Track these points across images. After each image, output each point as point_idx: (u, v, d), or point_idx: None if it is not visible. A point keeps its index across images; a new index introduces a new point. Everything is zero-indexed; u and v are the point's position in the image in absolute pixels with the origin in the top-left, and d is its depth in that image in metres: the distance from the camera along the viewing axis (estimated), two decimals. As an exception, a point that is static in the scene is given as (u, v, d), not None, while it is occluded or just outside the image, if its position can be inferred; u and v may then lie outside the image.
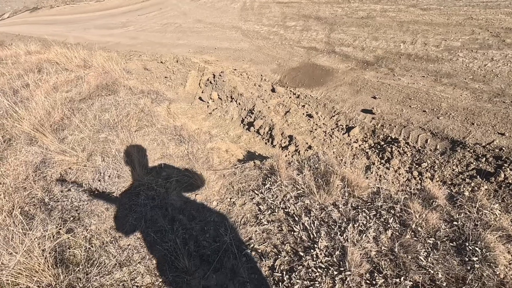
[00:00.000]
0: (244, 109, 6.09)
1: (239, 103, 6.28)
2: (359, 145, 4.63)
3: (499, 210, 2.35)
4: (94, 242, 2.36)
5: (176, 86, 7.81)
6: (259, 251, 2.19)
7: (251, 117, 5.79)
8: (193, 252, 2.30)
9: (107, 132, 3.67)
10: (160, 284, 2.06)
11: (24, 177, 3.01)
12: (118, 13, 19.37)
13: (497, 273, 1.86)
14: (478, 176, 3.54)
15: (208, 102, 6.89)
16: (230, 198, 2.71)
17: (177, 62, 8.57)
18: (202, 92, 7.36)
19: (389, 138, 4.53)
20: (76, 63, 6.40)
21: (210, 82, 7.40)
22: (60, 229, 2.38)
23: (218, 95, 6.88)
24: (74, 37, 14.39)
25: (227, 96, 6.69)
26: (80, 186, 2.95)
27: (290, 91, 6.45)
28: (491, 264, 1.89)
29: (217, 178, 2.97)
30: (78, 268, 2.09)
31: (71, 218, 2.56)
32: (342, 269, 1.92)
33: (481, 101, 4.43)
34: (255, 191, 2.71)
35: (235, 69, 7.90)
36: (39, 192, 2.82)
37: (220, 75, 7.25)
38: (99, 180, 2.94)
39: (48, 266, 1.98)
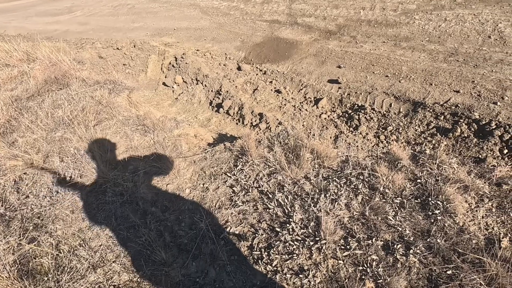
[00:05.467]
0: (211, 91, 5.90)
1: (205, 85, 6.06)
2: (328, 116, 4.69)
3: (457, 164, 2.51)
4: (62, 247, 2.23)
5: (137, 73, 7.36)
6: (237, 232, 2.19)
7: (219, 98, 5.63)
8: (170, 243, 2.25)
9: (62, 130, 3.39)
10: (138, 280, 2.01)
11: (-28, 190, 2.73)
12: (61, -3, 17.52)
13: (457, 221, 2.01)
14: (438, 134, 3.75)
15: (173, 87, 6.59)
16: (203, 184, 2.66)
17: (134, 47, 8.02)
18: (166, 77, 7.01)
19: (356, 105, 4.63)
20: (18, 57, 5.74)
21: (173, 66, 7.04)
22: (21, 239, 2.21)
23: (182, 78, 6.59)
24: (14, 27, 12.89)
25: (192, 79, 6.43)
26: (40, 190, 2.74)
27: (257, 67, 6.32)
28: (451, 214, 2.03)
29: (188, 165, 2.89)
30: (47, 277, 1.98)
31: (33, 226, 2.38)
32: (317, 239, 1.98)
33: (437, 62, 4.61)
34: (228, 173, 2.67)
35: (197, 50, 7.56)
36: (-8, 203, 2.58)
37: (183, 58, 6.91)
38: (60, 183, 2.74)
39: (12, 281, 1.85)
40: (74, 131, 3.26)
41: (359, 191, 2.27)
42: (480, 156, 3.38)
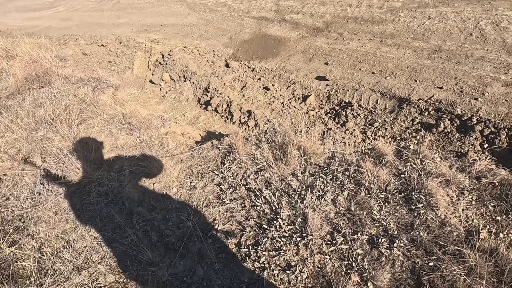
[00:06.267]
0: (199, 88, 5.85)
1: (193, 82, 6.00)
2: (316, 113, 4.73)
3: (440, 158, 2.58)
4: (45, 250, 2.17)
5: (123, 71, 7.21)
6: (224, 230, 2.18)
7: (207, 95, 5.58)
8: (157, 242, 2.23)
9: (44, 129, 3.29)
10: (124, 280, 1.98)
11: None
12: (43, -8, 16.93)
13: (439, 214, 2.06)
14: (422, 129, 3.83)
15: (160, 85, 6.49)
16: (190, 182, 2.64)
17: (120, 43, 7.84)
18: (152, 74, 6.90)
19: (343, 102, 4.68)
20: (-4, 54, 5.53)
21: (160, 63, 6.93)
22: (1, 243, 2.15)
23: (169, 76, 6.50)
24: (-8, 23, 12.39)
25: (179, 76, 6.35)
26: (21, 192, 2.66)
27: (245, 64, 6.29)
28: (434, 208, 2.08)
29: (175, 164, 2.86)
30: (29, 281, 1.93)
31: (14, 229, 2.31)
32: (304, 234, 2.00)
33: (421, 59, 4.70)
34: (215, 171, 2.66)
35: (185, 47, 7.46)
36: (-30, 206, 2.49)
37: (170, 54, 6.81)
38: (42, 184, 2.67)
39: (-8, 285, 1.79)
40: (57, 130, 3.17)
41: (345, 186, 2.30)
42: (462, 151, 3.48)
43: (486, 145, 3.40)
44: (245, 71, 6.10)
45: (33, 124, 3.44)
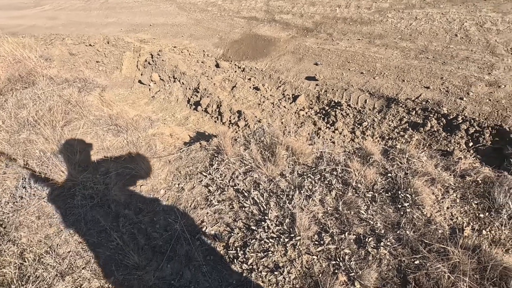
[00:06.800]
0: (189, 88, 5.80)
1: (182, 83, 5.94)
2: (306, 112, 4.75)
3: (426, 157, 2.61)
4: (27, 256, 2.11)
5: (111, 71, 7.10)
6: (212, 232, 2.16)
7: (197, 96, 5.54)
8: (144, 246, 2.19)
9: (27, 131, 3.20)
10: (109, 286, 1.94)
11: None
12: (28, -10, 16.52)
13: (425, 213, 2.09)
14: (410, 128, 3.89)
15: (149, 85, 6.41)
16: (178, 184, 2.60)
17: (108, 43, 7.72)
18: (141, 74, 6.81)
19: (333, 102, 4.71)
20: (-23, 53, 5.35)
21: (149, 63, 6.85)
22: (-20, 249, 2.08)
23: (159, 76, 6.42)
24: (-26, 22, 12.02)
25: (169, 77, 6.28)
26: (2, 196, 2.58)
27: (235, 65, 6.27)
28: (419, 206, 2.11)
29: (163, 165, 2.82)
30: (9, 288, 1.87)
31: (-5, 235, 2.24)
32: (292, 235, 1.99)
33: (409, 59, 4.77)
34: (203, 173, 2.63)
35: (174, 47, 7.39)
36: None
37: (159, 55, 6.73)
38: (24, 187, 2.59)
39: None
40: (40, 132, 3.09)
41: (332, 186, 2.31)
42: (448, 149, 3.55)
43: (471, 144, 3.47)
44: (235, 71, 6.08)
45: (16, 126, 3.35)
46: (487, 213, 2.02)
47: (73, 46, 7.64)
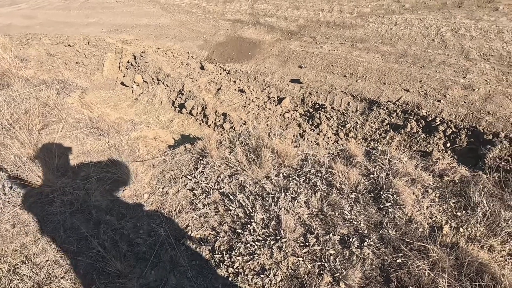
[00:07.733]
0: (173, 91, 5.72)
1: (167, 85, 5.86)
2: (291, 115, 4.79)
3: (406, 158, 2.70)
4: (1, 266, 2.00)
5: (92, 72, 6.91)
6: (198, 236, 2.14)
7: (181, 98, 5.48)
8: (127, 252, 2.13)
9: (1, 135, 3.05)
10: (90, 295, 1.87)
11: None
12: (2, -12, 15.82)
13: (406, 212, 2.15)
14: (391, 130, 4.00)
15: (132, 87, 6.28)
16: (163, 188, 2.56)
17: (88, 44, 7.50)
18: (124, 76, 6.66)
19: (317, 104, 4.78)
20: None
21: (132, 65, 6.71)
22: (-52, 261, 1.95)
23: (142, 78, 6.30)
24: None
25: (152, 78, 6.18)
26: (-27, 205, 2.44)
27: (220, 67, 6.25)
28: (401, 206, 2.17)
29: (146, 169, 2.76)
30: (-19, 302, 1.76)
31: (-35, 246, 2.11)
32: (278, 237, 2.00)
33: (389, 62, 4.92)
34: (188, 176, 2.60)
35: (158, 48, 7.28)
36: None
37: (142, 56, 6.61)
38: (-2, 194, 2.46)
39: None
40: (15, 136, 2.95)
41: (317, 188, 2.34)
42: (427, 150, 3.68)
43: (448, 145, 3.62)
44: (220, 74, 6.05)
45: (-11, 130, 3.18)
46: (463, 211, 2.11)
47: (51, 46, 7.37)
